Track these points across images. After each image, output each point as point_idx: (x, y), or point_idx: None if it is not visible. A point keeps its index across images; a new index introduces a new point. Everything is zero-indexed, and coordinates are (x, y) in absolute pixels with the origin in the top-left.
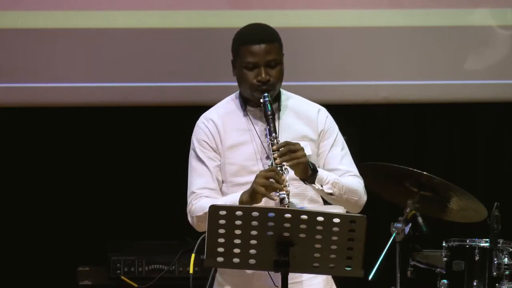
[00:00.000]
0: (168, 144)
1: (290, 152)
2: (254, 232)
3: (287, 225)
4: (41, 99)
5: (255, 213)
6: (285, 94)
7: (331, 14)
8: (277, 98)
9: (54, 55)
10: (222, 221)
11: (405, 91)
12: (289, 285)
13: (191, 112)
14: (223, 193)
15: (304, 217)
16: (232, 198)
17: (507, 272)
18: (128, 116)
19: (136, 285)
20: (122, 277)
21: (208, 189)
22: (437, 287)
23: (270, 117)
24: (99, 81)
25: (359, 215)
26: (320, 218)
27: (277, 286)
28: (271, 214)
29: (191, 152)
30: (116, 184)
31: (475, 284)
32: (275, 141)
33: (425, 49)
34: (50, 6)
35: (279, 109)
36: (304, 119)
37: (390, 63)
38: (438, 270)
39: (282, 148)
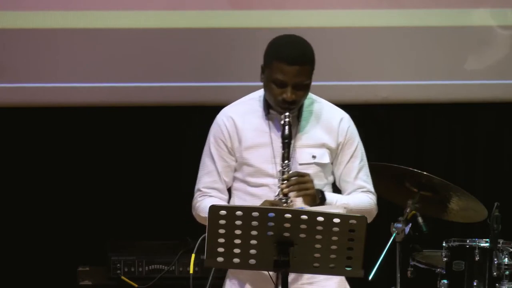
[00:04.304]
0: (168, 144)
1: (299, 183)
2: (254, 232)
3: (287, 225)
4: (41, 99)
5: (255, 213)
6: (309, 98)
7: (331, 14)
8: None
9: (54, 55)
10: (222, 221)
11: (405, 91)
12: (300, 285)
13: (191, 112)
14: (238, 191)
15: (304, 217)
16: None
17: (507, 272)
18: (128, 116)
19: (136, 285)
20: (122, 277)
21: (215, 189)
22: (437, 287)
23: (286, 141)
24: (99, 81)
25: (359, 215)
26: (320, 218)
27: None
28: (271, 214)
29: (206, 147)
30: (116, 184)
31: (475, 284)
32: (286, 169)
33: (425, 49)
34: (50, 6)
35: (300, 115)
36: (325, 127)
37: (390, 63)
38: (438, 270)
39: (292, 178)
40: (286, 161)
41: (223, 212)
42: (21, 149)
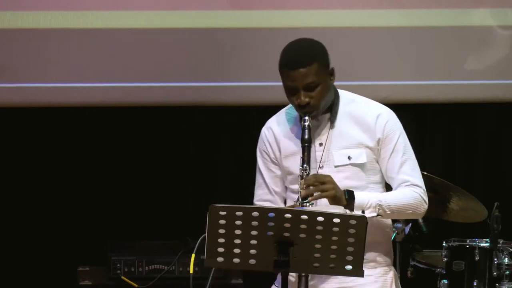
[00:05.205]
0: (168, 144)
1: (317, 185)
2: (254, 232)
3: (287, 225)
4: (41, 99)
5: (255, 213)
6: (345, 98)
7: (331, 14)
8: (331, 105)
9: (54, 55)
10: (222, 221)
11: (405, 91)
12: None
13: (191, 112)
14: (288, 199)
15: (304, 217)
16: None
17: (507, 272)
18: (128, 116)
19: (136, 285)
20: (122, 277)
21: (266, 201)
22: (437, 287)
23: (306, 145)
24: (99, 81)
25: (359, 215)
26: (320, 218)
27: (277, 286)
28: (271, 214)
29: (257, 162)
30: (116, 184)
31: (475, 284)
32: (304, 173)
33: (425, 49)
34: (50, 6)
35: (332, 118)
36: (362, 125)
37: (390, 63)
38: (438, 270)
39: (310, 182)
40: (305, 165)
41: (223, 212)
42: (21, 149)
